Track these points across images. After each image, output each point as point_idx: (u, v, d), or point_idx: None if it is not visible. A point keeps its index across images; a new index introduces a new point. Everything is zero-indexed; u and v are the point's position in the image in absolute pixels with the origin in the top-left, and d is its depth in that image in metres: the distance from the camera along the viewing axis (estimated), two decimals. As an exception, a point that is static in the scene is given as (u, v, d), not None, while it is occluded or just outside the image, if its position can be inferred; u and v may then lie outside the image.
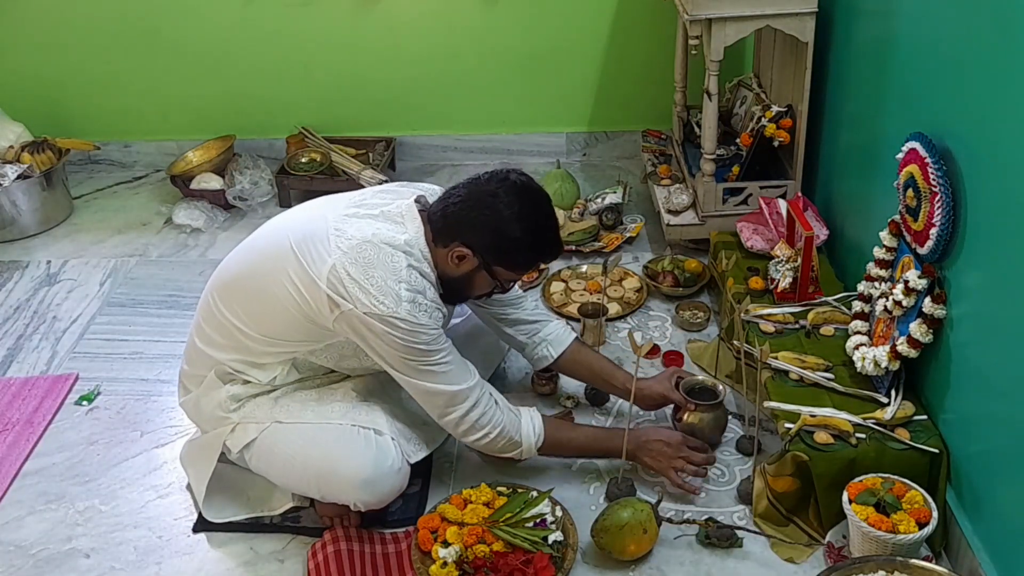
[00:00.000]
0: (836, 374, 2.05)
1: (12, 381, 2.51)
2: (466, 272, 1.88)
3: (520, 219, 1.83)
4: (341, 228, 1.85)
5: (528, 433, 1.97)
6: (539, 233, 1.87)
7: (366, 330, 1.80)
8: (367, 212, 1.89)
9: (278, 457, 1.93)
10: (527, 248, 1.87)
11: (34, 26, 3.42)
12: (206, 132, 3.51)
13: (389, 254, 1.81)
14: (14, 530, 2.06)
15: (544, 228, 1.88)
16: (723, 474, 2.10)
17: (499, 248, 1.85)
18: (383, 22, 3.35)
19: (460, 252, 1.84)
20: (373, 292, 1.77)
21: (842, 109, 2.49)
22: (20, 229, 3.21)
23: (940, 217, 1.78)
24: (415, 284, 1.81)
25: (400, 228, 1.87)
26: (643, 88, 3.43)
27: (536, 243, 1.88)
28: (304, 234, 1.86)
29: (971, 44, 1.74)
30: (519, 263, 1.90)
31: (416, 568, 1.87)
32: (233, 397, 1.96)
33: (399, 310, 1.77)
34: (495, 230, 1.83)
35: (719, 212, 2.72)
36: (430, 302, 1.83)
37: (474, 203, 1.84)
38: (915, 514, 1.75)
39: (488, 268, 1.87)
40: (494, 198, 1.83)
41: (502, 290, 1.98)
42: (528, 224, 1.84)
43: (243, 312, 1.91)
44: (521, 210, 1.83)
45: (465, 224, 1.84)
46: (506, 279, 1.93)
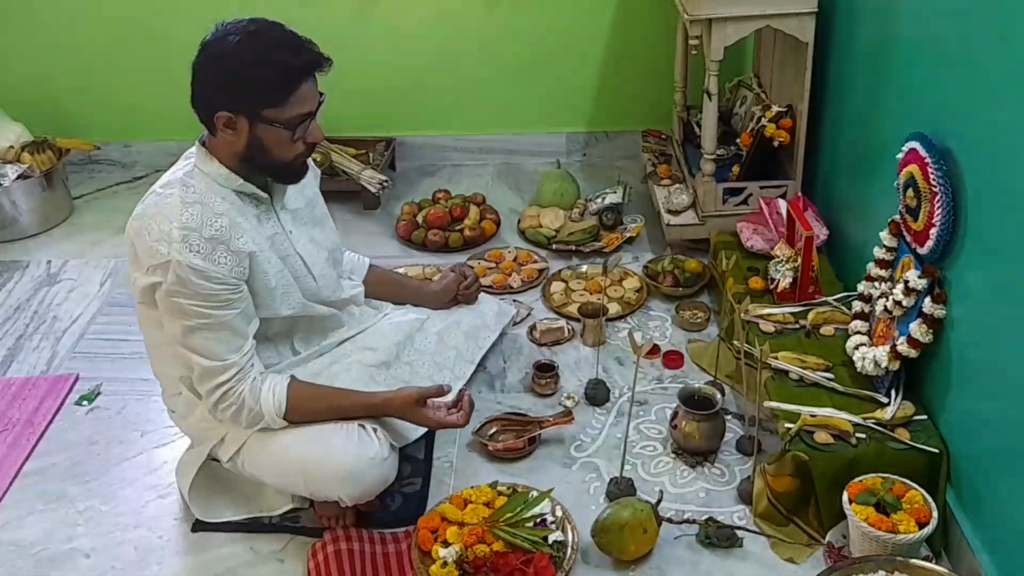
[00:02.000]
0: (836, 374, 2.05)
1: (12, 381, 2.51)
2: (248, 136, 1.74)
3: (241, 49, 1.69)
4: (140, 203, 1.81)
5: (268, 401, 1.84)
6: (270, 49, 1.70)
7: (150, 291, 1.75)
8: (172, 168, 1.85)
9: (266, 460, 1.92)
10: (266, 69, 1.69)
11: (34, 27, 3.42)
12: (206, 132, 3.51)
13: (164, 196, 1.75)
14: (14, 530, 2.06)
15: (271, 40, 1.72)
16: (723, 474, 2.10)
17: (247, 88, 1.70)
18: (383, 22, 3.35)
19: (223, 119, 1.72)
20: (151, 242, 1.71)
21: (842, 109, 2.49)
22: (20, 229, 3.21)
23: (940, 217, 1.78)
24: (188, 222, 1.72)
25: (184, 162, 1.82)
26: (643, 88, 3.43)
27: (269, 59, 1.69)
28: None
29: (971, 44, 1.74)
30: (275, 92, 1.71)
31: (416, 568, 1.87)
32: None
33: (171, 251, 1.70)
34: (228, 78, 1.70)
35: (719, 212, 2.72)
36: (208, 240, 1.72)
37: (200, 71, 1.73)
38: (915, 514, 1.75)
39: (259, 118, 1.72)
40: (210, 52, 1.72)
41: (308, 140, 1.79)
42: (251, 48, 1.69)
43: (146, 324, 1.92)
44: (238, 41, 1.69)
45: (206, 94, 1.73)
46: (289, 120, 1.74)
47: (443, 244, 3.00)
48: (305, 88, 1.74)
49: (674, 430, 2.14)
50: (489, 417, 2.24)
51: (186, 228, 1.71)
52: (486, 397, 2.35)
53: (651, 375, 2.42)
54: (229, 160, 1.80)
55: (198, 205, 1.75)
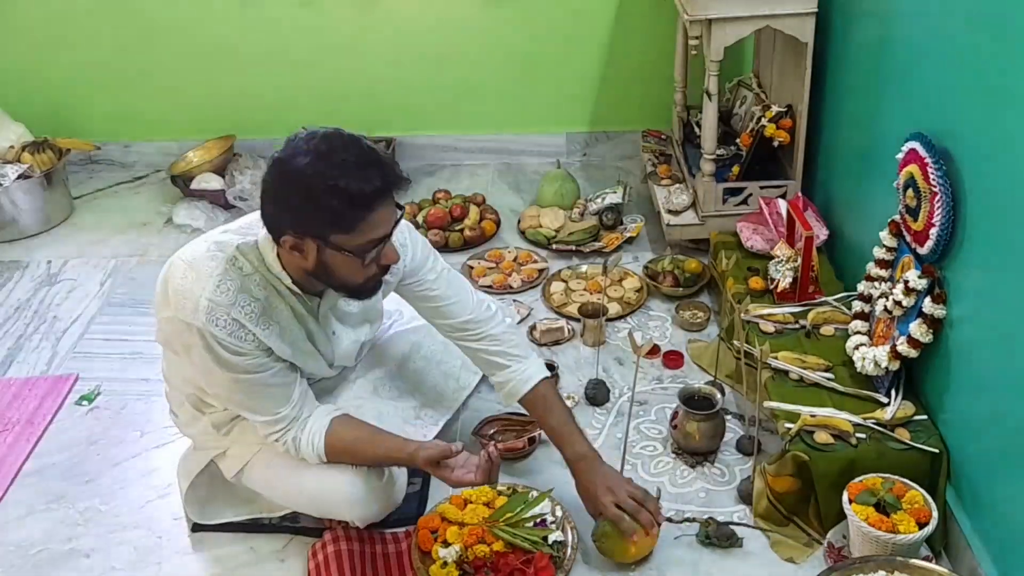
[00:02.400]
0: (836, 374, 2.05)
1: (12, 381, 2.51)
2: (316, 259, 1.63)
3: (312, 172, 1.55)
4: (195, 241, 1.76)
5: (307, 448, 1.83)
6: (342, 175, 1.55)
7: (173, 339, 1.72)
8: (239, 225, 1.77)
9: (272, 480, 1.92)
10: (340, 196, 1.55)
11: (35, 26, 3.42)
12: (206, 132, 3.51)
13: (209, 258, 1.67)
14: (14, 530, 2.06)
15: (346, 164, 1.56)
16: (723, 474, 2.10)
17: (316, 214, 1.57)
18: (384, 22, 3.35)
19: (289, 243, 1.61)
20: (179, 295, 1.66)
21: (842, 109, 2.49)
22: (20, 229, 3.21)
23: (940, 217, 1.78)
24: (219, 297, 1.64)
25: (246, 234, 1.72)
26: (643, 88, 3.43)
27: (337, 187, 1.55)
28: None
29: (971, 44, 1.74)
30: (345, 219, 1.58)
31: (416, 568, 1.87)
32: (217, 424, 1.94)
33: (196, 318, 1.64)
34: (295, 203, 1.57)
35: (719, 212, 2.72)
36: (233, 320, 1.65)
37: (268, 191, 1.61)
38: (915, 514, 1.75)
39: (328, 243, 1.60)
40: (280, 171, 1.59)
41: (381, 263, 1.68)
42: (322, 173, 1.55)
43: (164, 346, 1.88)
44: (307, 164, 1.55)
45: (277, 211, 1.61)
46: (359, 247, 1.62)
47: (443, 244, 3.00)
48: (378, 213, 1.60)
49: (674, 430, 2.14)
50: (489, 417, 2.24)
51: (213, 302, 1.65)
52: (486, 397, 2.35)
53: (651, 375, 2.42)
54: (291, 271, 1.70)
55: (237, 283, 1.67)
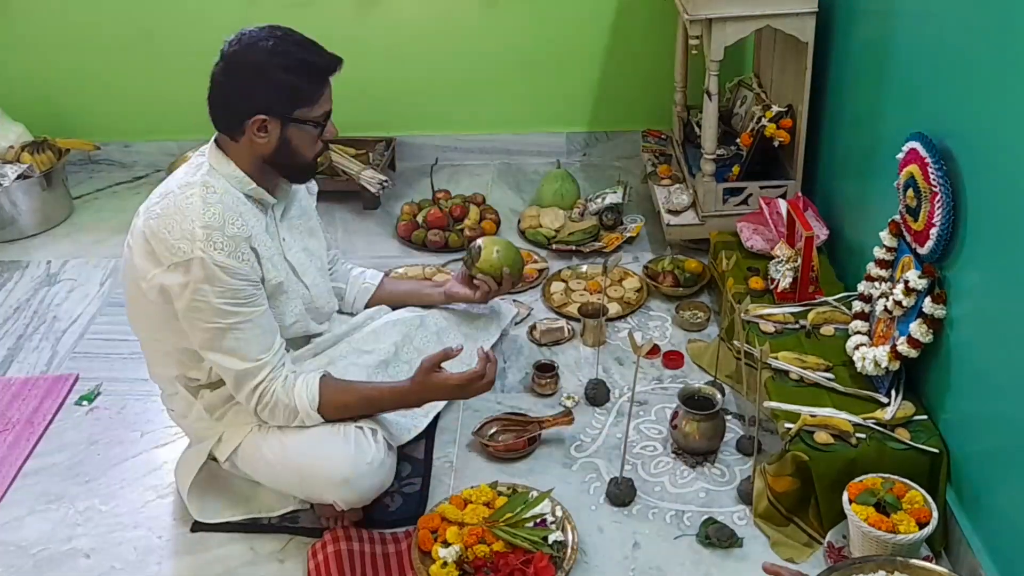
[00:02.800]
0: (836, 374, 2.05)
1: (12, 381, 2.51)
2: (279, 138, 1.81)
3: (277, 53, 1.76)
4: (153, 193, 1.85)
5: (302, 396, 1.87)
6: (302, 53, 1.80)
7: (170, 289, 1.76)
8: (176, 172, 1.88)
9: (262, 461, 1.93)
10: (301, 72, 1.78)
11: (34, 26, 3.42)
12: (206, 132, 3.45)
13: (186, 196, 1.77)
14: (14, 530, 2.06)
15: (300, 45, 1.81)
16: (723, 474, 2.10)
17: (283, 92, 1.78)
18: (383, 22, 3.35)
19: (257, 122, 1.77)
20: (171, 241, 1.74)
21: (842, 109, 2.49)
22: (20, 229, 3.21)
23: (940, 217, 1.77)
24: (211, 220, 1.75)
25: (199, 164, 1.84)
26: (643, 88, 3.43)
27: (306, 62, 1.80)
28: (136, 219, 1.86)
29: (972, 44, 1.74)
30: (309, 92, 1.80)
31: (416, 568, 1.86)
32: (209, 408, 1.96)
33: (194, 249, 1.72)
34: (267, 80, 1.76)
35: (719, 212, 2.72)
36: (231, 238, 1.76)
37: (231, 79, 1.79)
38: (915, 514, 1.75)
39: (290, 118, 1.80)
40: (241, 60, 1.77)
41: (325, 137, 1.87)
42: (286, 52, 1.77)
43: (138, 320, 1.95)
44: (273, 47, 1.77)
45: (241, 98, 1.78)
46: (318, 118, 1.83)
47: (443, 244, 3.00)
48: (329, 87, 1.84)
49: (674, 430, 2.14)
50: (489, 417, 2.24)
51: (209, 227, 1.74)
52: (486, 397, 2.34)
53: (651, 375, 2.42)
54: (247, 164, 1.84)
55: (219, 205, 1.78)
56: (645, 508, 2.02)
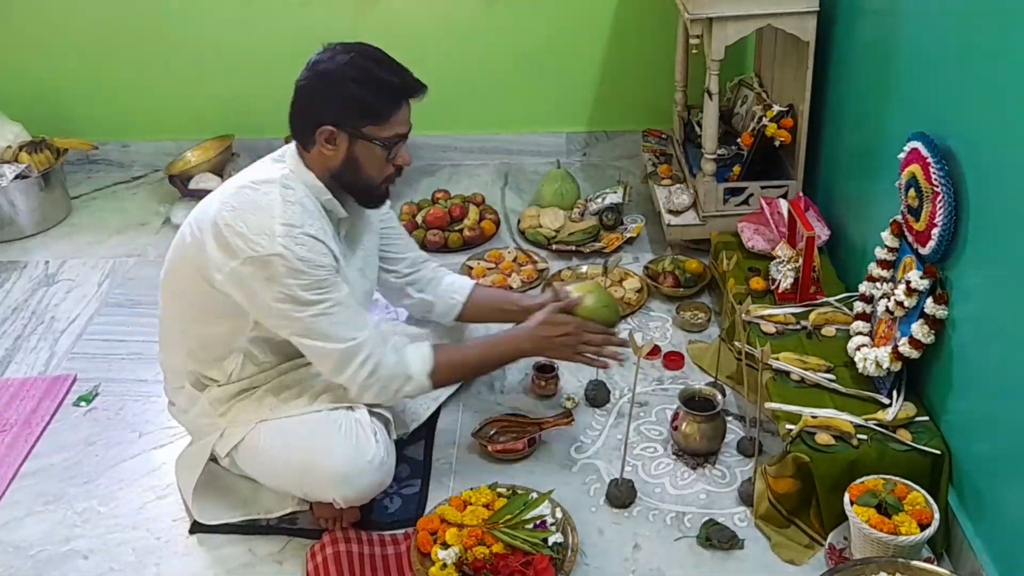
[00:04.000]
0: (837, 375, 2.04)
1: (10, 382, 2.51)
2: (346, 152, 1.82)
3: (354, 67, 1.78)
4: (223, 188, 1.87)
5: (415, 361, 1.91)
6: (376, 70, 1.81)
7: (249, 286, 1.77)
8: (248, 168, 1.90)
9: (262, 457, 1.93)
10: (375, 87, 1.80)
11: (32, 26, 3.42)
12: (204, 132, 3.51)
13: (263, 192, 1.79)
14: (12, 531, 2.05)
15: (379, 62, 1.82)
16: (724, 475, 2.10)
17: (353, 105, 1.79)
18: (382, 21, 3.35)
19: (326, 133, 1.79)
20: (249, 235, 1.75)
21: (844, 109, 2.48)
22: (18, 229, 3.20)
23: (942, 217, 1.77)
24: (291, 218, 1.77)
25: (279, 165, 1.86)
26: (643, 88, 3.43)
27: (381, 80, 1.81)
28: (200, 209, 1.88)
29: (973, 43, 1.74)
30: (380, 109, 1.82)
31: (416, 570, 1.86)
32: (214, 402, 1.96)
33: (274, 245, 1.73)
34: (339, 91, 1.78)
35: (720, 212, 2.71)
36: (310, 236, 1.78)
37: (308, 88, 1.81)
38: (917, 515, 1.75)
39: (360, 135, 1.81)
40: (320, 70, 1.80)
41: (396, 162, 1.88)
42: (356, 67, 1.79)
43: (175, 309, 1.93)
44: (351, 60, 1.79)
45: (314, 107, 1.80)
46: (387, 138, 1.84)
47: (442, 244, 3.00)
48: (404, 110, 1.86)
49: (675, 431, 2.13)
50: (489, 418, 2.23)
51: (289, 224, 1.76)
52: (486, 398, 2.35)
53: (651, 376, 2.41)
54: (320, 175, 1.85)
55: (298, 206, 1.80)
56: (645, 509, 2.02)
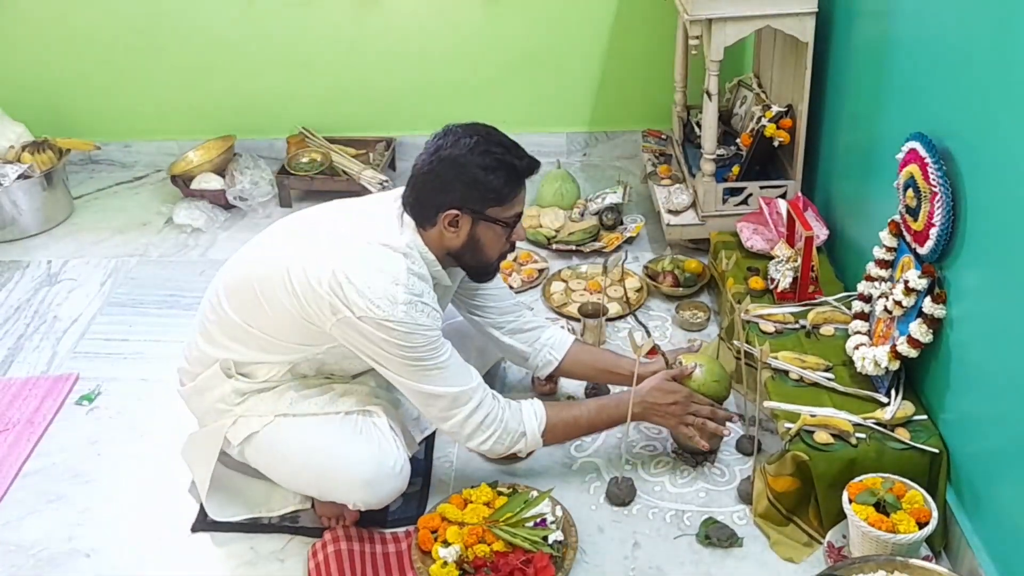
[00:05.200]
0: (836, 374, 2.05)
1: (13, 381, 2.51)
2: (468, 234, 1.85)
3: (478, 152, 1.80)
4: (342, 233, 1.86)
5: (531, 419, 1.93)
6: (503, 154, 1.83)
7: (363, 336, 1.79)
8: (366, 217, 1.90)
9: (279, 453, 1.93)
10: (501, 172, 1.82)
11: (35, 26, 3.42)
12: (206, 132, 3.51)
13: (388, 257, 1.81)
14: (15, 530, 2.06)
15: (505, 146, 1.85)
16: (723, 474, 2.10)
17: (479, 189, 1.81)
18: (384, 22, 3.35)
19: (449, 216, 1.82)
20: (370, 296, 1.76)
21: (842, 109, 2.49)
22: (21, 229, 3.21)
23: (940, 217, 1.78)
24: (413, 288, 1.80)
25: (396, 230, 1.86)
26: (643, 88, 3.43)
27: (505, 163, 1.83)
28: (308, 238, 1.88)
29: (971, 44, 1.74)
30: (505, 192, 1.84)
31: (416, 568, 1.87)
32: (237, 391, 1.96)
33: (395, 312, 1.76)
34: (465, 177, 1.80)
35: (719, 212, 2.72)
36: (427, 304, 1.81)
37: (432, 173, 1.83)
38: (915, 514, 1.75)
39: (483, 216, 1.84)
40: (447, 153, 1.82)
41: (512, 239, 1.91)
42: (487, 152, 1.81)
43: (247, 312, 1.91)
44: (475, 145, 1.81)
45: (437, 191, 1.82)
46: (508, 219, 1.87)
47: (443, 244, 3.00)
48: (524, 190, 1.88)
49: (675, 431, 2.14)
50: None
51: (412, 293, 1.79)
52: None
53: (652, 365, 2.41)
54: (435, 251, 1.88)
55: (417, 277, 1.82)
56: (645, 508, 2.03)
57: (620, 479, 2.04)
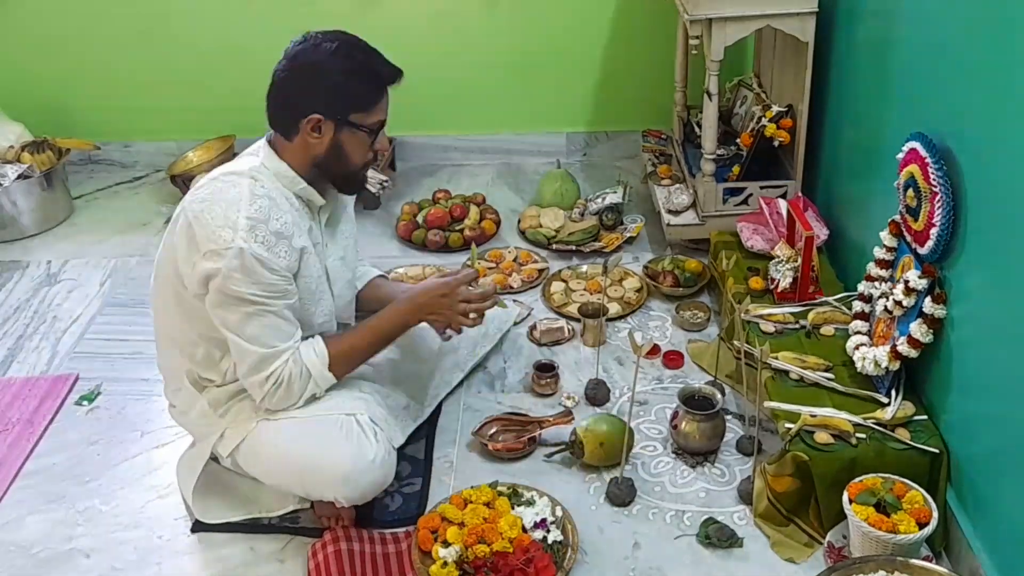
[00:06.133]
0: (836, 374, 2.05)
1: (12, 381, 2.51)
2: (331, 140, 1.84)
3: (340, 56, 1.80)
4: (198, 182, 1.87)
5: (313, 361, 1.90)
6: (362, 58, 1.84)
7: (208, 281, 1.77)
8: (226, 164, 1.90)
9: (263, 457, 1.93)
10: (362, 77, 1.83)
11: (34, 26, 3.42)
12: (206, 132, 3.51)
13: (232, 183, 1.80)
14: (15, 530, 2.06)
15: (364, 51, 1.86)
16: (723, 474, 2.10)
17: (338, 94, 1.81)
18: (383, 22, 3.35)
19: (312, 121, 1.81)
20: (212, 226, 1.75)
21: (843, 109, 2.48)
22: (20, 229, 3.21)
23: (940, 217, 1.77)
24: (256, 213, 1.77)
25: (250, 158, 1.87)
26: (643, 88, 3.43)
27: (368, 68, 1.84)
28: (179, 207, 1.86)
29: (972, 44, 1.74)
30: (368, 99, 1.85)
31: (416, 568, 1.86)
32: (213, 403, 1.96)
33: (235, 239, 1.73)
34: (327, 82, 1.80)
35: (719, 212, 2.72)
36: (273, 234, 1.78)
37: (291, 78, 1.82)
38: (915, 514, 1.75)
39: (346, 122, 1.83)
40: (307, 58, 1.81)
41: (375, 148, 1.90)
42: (349, 56, 1.81)
43: (164, 310, 1.93)
44: (336, 49, 1.81)
45: (299, 96, 1.81)
46: (371, 126, 1.86)
47: (443, 244, 3.00)
48: (386, 98, 1.89)
49: (674, 430, 2.14)
50: (489, 417, 2.24)
51: (253, 219, 1.76)
52: (486, 397, 2.35)
53: (651, 375, 2.42)
54: (299, 164, 1.87)
55: (267, 199, 1.80)
56: (645, 508, 2.02)
57: (620, 479, 2.04)
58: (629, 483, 2.05)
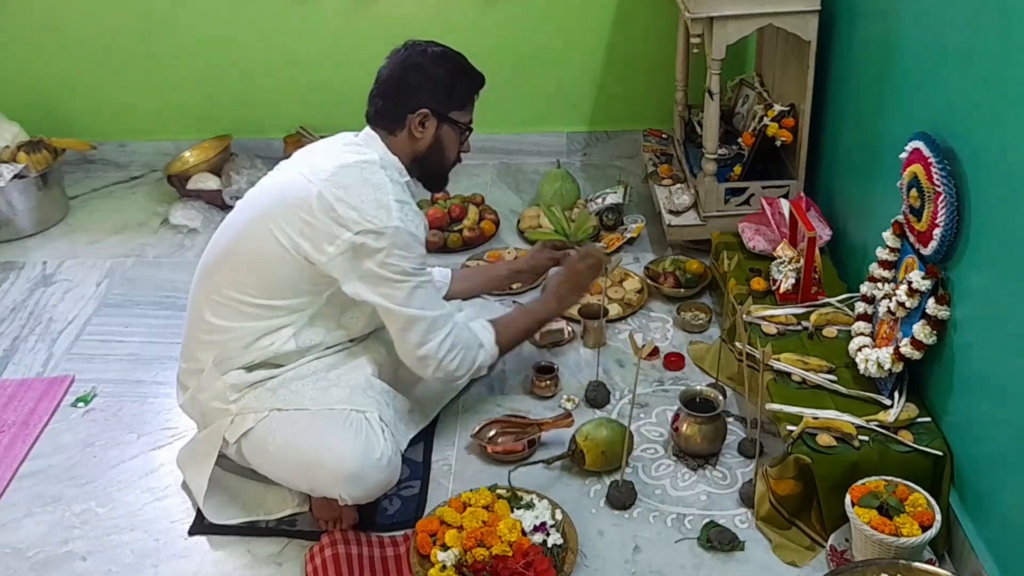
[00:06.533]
0: (839, 376, 2.04)
1: (8, 383, 2.50)
2: (434, 135, 2.03)
3: (439, 60, 2.01)
4: (313, 167, 1.96)
5: (483, 331, 2.11)
6: (462, 63, 2.05)
7: (359, 257, 1.89)
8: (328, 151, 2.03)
9: (271, 447, 1.93)
10: (464, 79, 2.05)
11: (30, 25, 3.41)
12: (203, 132, 3.50)
13: (369, 170, 1.94)
14: (11, 532, 2.04)
15: (462, 57, 2.06)
16: (724, 477, 2.09)
17: (445, 92, 2.01)
18: (381, 21, 3.34)
19: (420, 116, 1.99)
20: (364, 208, 1.88)
21: (845, 108, 2.47)
22: (16, 229, 3.19)
23: (944, 217, 1.76)
24: (400, 195, 1.93)
25: (366, 148, 2.01)
26: (644, 87, 3.42)
27: (462, 70, 2.05)
28: (280, 189, 1.98)
29: (975, 43, 1.73)
30: (465, 98, 2.06)
31: (415, 571, 1.85)
32: (233, 387, 1.96)
33: (392, 219, 1.88)
34: (433, 81, 2.00)
35: (721, 212, 2.71)
36: (416, 214, 1.96)
37: (403, 75, 2.00)
38: (918, 517, 1.74)
39: (447, 119, 2.03)
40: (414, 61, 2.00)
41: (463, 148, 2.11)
42: (447, 59, 2.03)
43: (246, 283, 1.96)
44: (441, 54, 2.02)
45: (408, 94, 2.00)
46: (465, 124, 2.07)
47: (442, 245, 2.99)
48: (475, 101, 2.11)
49: (675, 432, 2.13)
50: (488, 419, 2.23)
51: (401, 201, 1.93)
52: (485, 399, 2.34)
53: (652, 377, 2.41)
54: (404, 158, 2.04)
55: (400, 185, 1.98)
56: (646, 511, 2.01)
57: (620, 482, 2.03)
58: (629, 486, 2.03)
